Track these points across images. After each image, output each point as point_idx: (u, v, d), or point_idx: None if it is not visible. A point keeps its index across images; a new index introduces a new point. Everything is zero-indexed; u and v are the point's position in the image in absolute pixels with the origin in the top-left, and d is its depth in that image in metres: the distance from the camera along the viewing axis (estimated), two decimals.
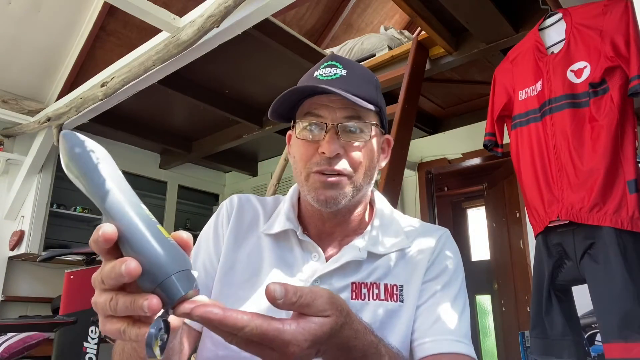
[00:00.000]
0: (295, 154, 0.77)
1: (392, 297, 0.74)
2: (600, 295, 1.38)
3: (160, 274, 0.39)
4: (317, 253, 0.77)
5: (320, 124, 0.73)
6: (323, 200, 0.72)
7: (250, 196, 0.88)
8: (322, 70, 0.76)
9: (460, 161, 3.49)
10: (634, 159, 1.40)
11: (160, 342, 0.39)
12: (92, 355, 2.21)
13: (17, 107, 3.17)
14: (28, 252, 3.22)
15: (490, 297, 4.63)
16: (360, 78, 0.77)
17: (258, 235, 0.80)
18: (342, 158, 0.73)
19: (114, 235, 0.41)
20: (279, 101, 0.74)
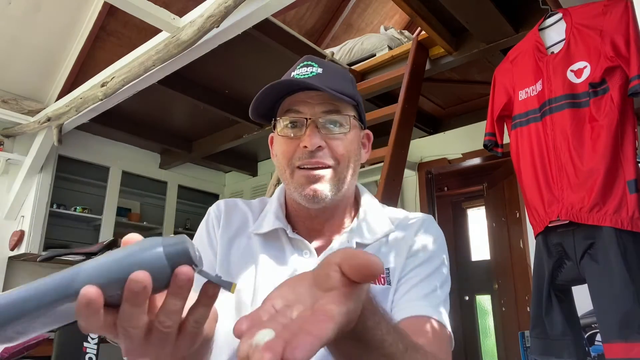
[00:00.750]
0: (278, 151, 0.79)
1: (379, 280, 0.75)
2: (601, 295, 1.39)
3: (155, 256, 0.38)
4: (309, 250, 0.78)
5: (300, 120, 0.76)
6: (310, 196, 0.74)
7: (236, 200, 0.89)
8: (298, 70, 0.78)
9: (460, 161, 3.49)
10: (634, 159, 1.40)
11: None
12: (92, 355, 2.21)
13: (17, 107, 3.17)
14: (28, 252, 3.22)
15: (490, 297, 4.63)
16: (336, 74, 0.79)
17: (248, 236, 0.81)
18: (323, 151, 0.75)
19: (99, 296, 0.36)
20: (259, 99, 0.77)
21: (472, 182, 4.67)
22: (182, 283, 0.38)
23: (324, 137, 0.75)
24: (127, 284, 0.36)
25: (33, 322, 0.37)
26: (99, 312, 0.37)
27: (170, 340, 0.42)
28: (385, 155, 2.20)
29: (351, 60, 3.12)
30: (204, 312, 0.43)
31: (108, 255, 0.38)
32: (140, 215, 4.18)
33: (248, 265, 0.78)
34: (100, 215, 3.75)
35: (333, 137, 0.76)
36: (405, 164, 2.32)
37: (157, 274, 0.37)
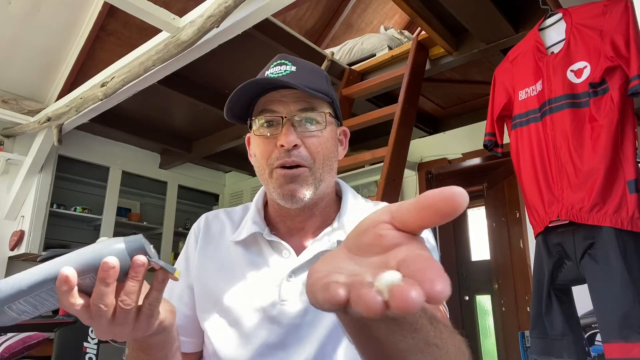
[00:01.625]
0: (256, 151, 0.79)
1: None
2: (600, 295, 1.39)
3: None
4: (287, 250, 0.78)
5: (276, 119, 0.76)
6: (288, 196, 0.74)
7: (218, 211, 0.90)
8: (272, 69, 0.79)
9: (460, 161, 3.49)
10: (634, 159, 1.40)
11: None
12: (92, 355, 2.21)
13: (17, 107, 3.17)
14: (28, 252, 3.22)
15: (490, 297, 4.63)
16: (309, 72, 0.79)
17: (227, 246, 0.82)
18: (299, 149, 0.75)
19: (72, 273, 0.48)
20: (233, 99, 0.76)
21: (472, 182, 4.67)
22: (138, 268, 0.51)
23: (300, 135, 0.75)
24: (101, 266, 0.49)
25: (29, 301, 0.48)
26: (73, 288, 0.48)
27: (130, 320, 0.52)
28: (385, 155, 2.20)
29: (351, 60, 3.12)
30: (157, 296, 0.54)
31: (84, 249, 0.50)
32: (140, 215, 4.18)
33: (227, 273, 0.79)
34: (100, 215, 3.75)
35: (309, 135, 0.76)
36: (405, 164, 2.32)
37: (121, 262, 0.49)
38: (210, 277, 0.80)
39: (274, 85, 0.75)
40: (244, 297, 0.76)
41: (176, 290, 0.82)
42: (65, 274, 0.47)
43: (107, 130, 3.67)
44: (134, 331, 0.54)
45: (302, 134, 0.75)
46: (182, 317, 0.80)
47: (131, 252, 0.50)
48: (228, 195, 4.80)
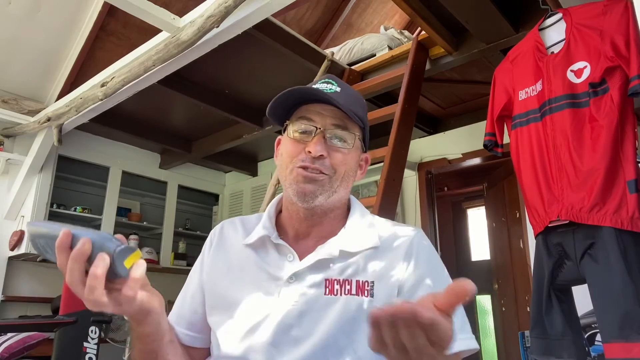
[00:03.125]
0: (284, 151, 0.85)
1: (363, 292, 0.78)
2: (600, 295, 1.39)
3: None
4: (292, 254, 0.83)
5: (310, 128, 0.82)
6: (302, 193, 0.80)
7: (235, 219, 0.96)
8: (319, 85, 0.86)
9: (460, 161, 3.49)
10: (634, 159, 1.40)
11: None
12: (92, 355, 2.21)
13: (17, 107, 3.17)
14: (28, 252, 3.22)
15: (490, 297, 4.63)
16: (352, 97, 0.86)
17: (238, 249, 0.88)
18: (324, 159, 0.81)
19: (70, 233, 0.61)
20: (278, 101, 0.83)
21: (472, 182, 4.67)
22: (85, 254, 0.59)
23: (327, 147, 0.82)
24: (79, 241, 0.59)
25: (44, 243, 0.63)
26: (68, 247, 0.59)
27: (98, 294, 0.58)
28: (385, 155, 2.20)
29: (351, 60, 3.12)
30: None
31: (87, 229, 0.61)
32: (140, 215, 4.18)
33: (234, 274, 0.85)
34: (100, 215, 3.75)
35: (336, 150, 0.82)
36: (405, 164, 2.32)
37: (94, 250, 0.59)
38: (219, 277, 0.86)
39: (318, 98, 0.82)
40: (247, 296, 0.81)
41: (190, 290, 0.90)
42: (64, 233, 0.60)
43: (107, 130, 3.67)
44: (113, 306, 0.61)
45: (330, 147, 0.82)
46: (193, 314, 0.87)
47: (99, 246, 0.59)
48: (228, 195, 4.79)
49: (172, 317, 0.89)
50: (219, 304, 0.84)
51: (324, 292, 0.78)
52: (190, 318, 0.87)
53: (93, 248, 0.58)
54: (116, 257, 0.58)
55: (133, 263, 0.60)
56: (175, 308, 0.91)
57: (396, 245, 0.83)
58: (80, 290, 0.59)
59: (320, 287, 0.78)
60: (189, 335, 0.87)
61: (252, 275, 0.83)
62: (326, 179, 0.81)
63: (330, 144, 0.82)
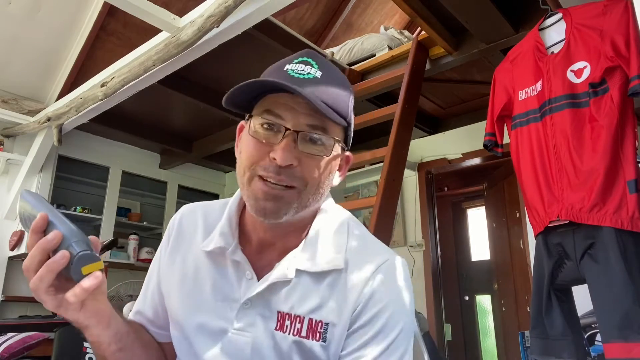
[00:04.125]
0: (243, 150, 0.69)
1: (314, 335, 0.67)
2: (600, 295, 1.38)
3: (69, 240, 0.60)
4: (250, 272, 0.72)
5: (278, 126, 0.65)
6: (261, 211, 0.66)
7: (196, 207, 0.84)
8: (294, 65, 0.68)
9: (460, 161, 3.49)
10: (634, 159, 1.40)
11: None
12: (92, 355, 2.21)
13: (17, 107, 3.17)
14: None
15: (490, 297, 4.63)
16: (336, 84, 0.68)
17: (194, 253, 0.77)
18: (293, 169, 0.65)
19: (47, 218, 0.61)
20: (239, 90, 0.67)
21: (472, 182, 4.67)
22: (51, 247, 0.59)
23: (299, 153, 0.65)
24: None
25: (29, 219, 0.63)
26: (41, 231, 0.60)
27: (44, 286, 0.58)
28: (385, 155, 2.20)
29: (351, 60, 3.12)
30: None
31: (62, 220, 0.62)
32: (140, 215, 4.18)
33: (187, 287, 0.75)
34: (100, 215, 3.75)
35: (309, 156, 0.66)
36: (405, 164, 2.32)
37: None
38: (173, 286, 0.77)
39: (289, 89, 0.64)
40: (198, 317, 0.72)
41: (150, 286, 0.83)
42: (42, 216, 0.60)
43: (107, 130, 3.67)
44: (52, 305, 0.61)
45: (302, 152, 0.66)
46: (154, 313, 0.81)
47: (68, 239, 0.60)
48: (228, 195, 4.76)
49: (134, 314, 0.84)
50: (173, 317, 0.76)
51: (275, 327, 0.69)
52: (151, 317, 0.81)
53: (62, 242, 0.59)
54: (75, 261, 0.57)
55: (90, 272, 0.58)
56: (138, 302, 0.84)
57: (356, 276, 0.69)
58: (31, 275, 0.58)
59: (272, 320, 0.69)
60: (153, 332, 0.82)
61: (207, 292, 0.73)
62: (293, 193, 0.66)
63: (303, 149, 0.65)
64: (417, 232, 3.57)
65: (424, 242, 3.52)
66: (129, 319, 0.83)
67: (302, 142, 0.66)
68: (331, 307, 0.68)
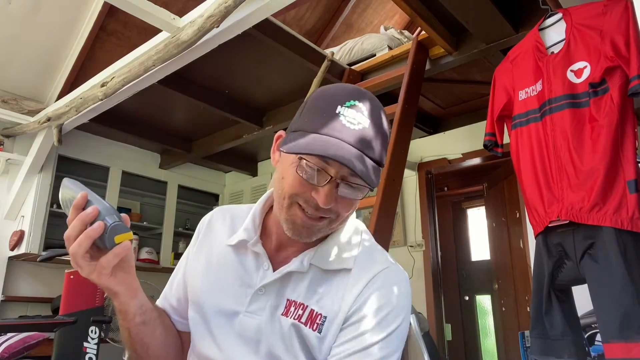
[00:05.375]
0: (287, 178, 0.74)
1: (312, 324, 0.74)
2: (600, 295, 1.38)
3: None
4: (267, 263, 0.81)
5: (324, 175, 0.70)
6: (296, 234, 0.75)
7: (227, 209, 0.93)
8: (346, 111, 0.71)
9: (460, 161, 3.49)
10: (634, 159, 1.40)
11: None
12: (92, 355, 2.21)
13: (17, 107, 3.17)
14: (28, 252, 3.22)
15: (490, 297, 4.63)
16: (379, 134, 0.73)
17: (220, 247, 0.86)
18: (331, 207, 0.72)
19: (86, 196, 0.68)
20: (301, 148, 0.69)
21: (472, 182, 4.67)
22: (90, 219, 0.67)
23: (337, 196, 0.72)
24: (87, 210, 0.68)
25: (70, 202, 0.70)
26: (81, 208, 0.67)
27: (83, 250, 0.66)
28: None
29: (351, 60, 3.12)
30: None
31: (102, 200, 0.70)
32: (140, 215, 4.18)
33: (210, 274, 0.84)
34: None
35: (345, 200, 0.73)
36: (405, 164, 2.32)
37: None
38: (198, 273, 0.86)
39: (344, 162, 0.66)
40: (217, 299, 0.81)
41: (177, 277, 0.91)
42: (82, 194, 0.68)
43: (107, 130, 3.67)
44: (87, 271, 0.68)
45: (339, 197, 0.72)
46: (177, 301, 0.89)
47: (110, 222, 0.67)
48: (228, 195, 4.79)
49: (160, 300, 0.92)
50: (192, 302, 0.84)
51: (282, 312, 0.77)
52: (175, 304, 0.89)
53: (98, 216, 0.66)
54: (109, 230, 0.66)
55: (122, 241, 0.67)
56: (164, 291, 0.93)
57: (357, 280, 0.77)
58: (70, 244, 0.66)
59: (281, 306, 0.77)
60: (174, 320, 0.89)
61: (228, 278, 0.82)
62: (326, 222, 0.75)
63: (342, 194, 0.72)
64: (417, 232, 3.57)
65: (424, 242, 3.52)
66: (155, 304, 0.90)
67: (342, 187, 0.72)
68: (332, 303, 0.76)
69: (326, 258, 0.79)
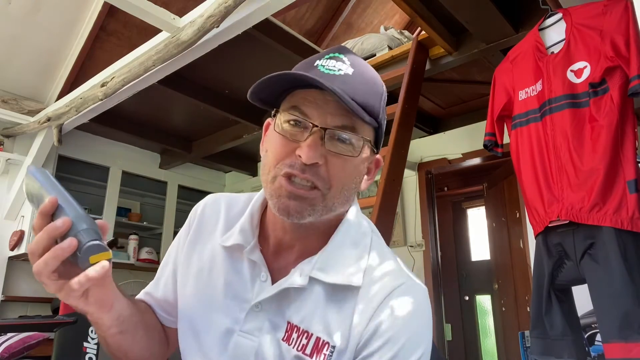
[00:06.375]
0: (269, 148, 0.67)
1: (318, 355, 0.63)
2: (600, 295, 1.38)
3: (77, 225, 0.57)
4: (265, 273, 0.70)
5: (305, 123, 0.63)
6: (284, 210, 0.63)
7: (220, 198, 0.82)
8: (325, 61, 0.66)
9: (460, 161, 3.49)
10: (634, 159, 1.40)
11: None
12: (92, 355, 2.21)
13: (17, 107, 3.17)
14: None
15: (490, 297, 4.63)
16: (368, 83, 0.66)
17: (213, 247, 0.75)
18: (319, 168, 0.63)
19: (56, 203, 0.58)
20: (264, 83, 0.65)
21: (472, 182, 4.67)
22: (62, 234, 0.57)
23: (325, 152, 0.63)
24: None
25: (36, 198, 0.64)
26: (49, 215, 0.58)
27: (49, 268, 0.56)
28: (385, 155, 2.20)
29: None
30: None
31: (72, 202, 0.63)
32: (140, 215, 4.18)
33: (202, 280, 0.74)
34: (100, 215, 3.75)
35: (336, 156, 0.63)
36: (405, 164, 2.32)
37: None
38: (189, 280, 0.76)
39: (318, 85, 0.61)
40: (209, 314, 0.71)
41: (165, 272, 0.82)
42: (51, 200, 0.59)
43: (107, 130, 3.67)
44: (53, 288, 0.58)
45: (328, 152, 0.63)
46: (165, 301, 0.81)
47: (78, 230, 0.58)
48: None
49: (146, 293, 0.83)
50: (184, 310, 0.76)
51: (283, 337, 0.66)
52: (162, 302, 0.81)
53: (70, 229, 0.56)
54: (83, 250, 0.55)
55: (97, 261, 0.56)
56: (150, 285, 0.83)
57: (369, 299, 0.65)
58: (35, 258, 0.55)
59: (281, 328, 0.66)
60: (160, 316, 0.81)
61: (219, 288, 0.72)
62: (318, 195, 0.63)
63: (330, 148, 0.63)
64: (417, 232, 3.57)
65: (424, 242, 3.52)
66: (137, 298, 0.82)
67: (329, 140, 0.63)
68: (341, 330, 0.64)
69: (329, 269, 0.67)
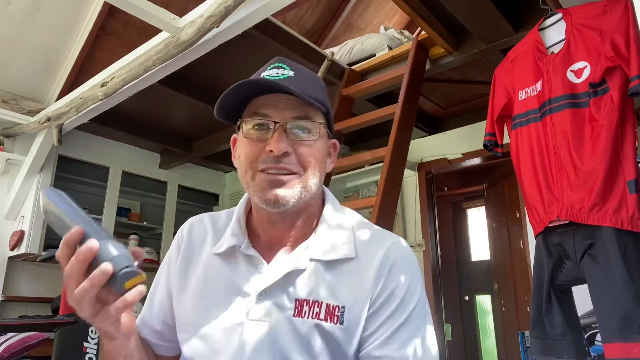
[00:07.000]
0: (241, 153, 0.76)
1: (332, 318, 0.71)
2: (601, 295, 1.38)
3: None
4: (262, 264, 0.76)
5: (267, 123, 0.73)
6: (271, 200, 0.72)
7: (203, 216, 0.88)
8: (269, 71, 0.76)
9: (460, 161, 3.49)
10: (634, 159, 1.40)
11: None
12: (92, 355, 2.21)
13: (17, 107, 3.17)
14: (28, 252, 3.21)
15: (490, 297, 4.63)
16: (307, 79, 0.77)
17: (207, 258, 0.80)
18: (289, 156, 0.72)
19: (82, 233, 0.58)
20: (225, 98, 0.74)
21: (472, 182, 4.67)
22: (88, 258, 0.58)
23: (291, 142, 0.73)
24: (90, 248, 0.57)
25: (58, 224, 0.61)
26: (75, 244, 0.58)
27: (87, 299, 0.58)
28: (385, 155, 2.20)
29: (351, 60, 3.12)
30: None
31: (101, 230, 0.60)
32: (140, 215, 4.18)
33: (201, 288, 0.78)
34: (100, 215, 3.75)
35: (301, 144, 0.74)
36: (405, 164, 2.32)
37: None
38: (187, 290, 0.79)
39: (270, 87, 0.73)
40: (214, 313, 0.75)
41: (157, 296, 0.84)
42: (78, 229, 0.58)
43: (107, 130, 3.67)
44: (89, 315, 0.60)
45: (294, 142, 0.73)
46: (162, 324, 0.83)
47: (117, 262, 0.57)
48: (228, 195, 4.80)
49: (139, 323, 0.84)
50: (186, 319, 0.78)
51: (293, 314, 0.72)
52: (158, 328, 0.83)
53: (99, 254, 0.57)
54: (119, 277, 0.56)
55: (133, 285, 0.58)
56: (143, 315, 0.85)
57: (369, 260, 0.75)
58: (73, 286, 0.57)
59: (290, 308, 0.72)
60: (157, 345, 0.83)
61: (221, 290, 0.76)
62: (295, 178, 0.73)
63: (294, 138, 0.73)
64: (417, 232, 3.57)
65: (424, 242, 3.52)
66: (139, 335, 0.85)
67: (291, 132, 0.73)
68: (346, 293, 0.73)
69: (325, 249, 0.76)
